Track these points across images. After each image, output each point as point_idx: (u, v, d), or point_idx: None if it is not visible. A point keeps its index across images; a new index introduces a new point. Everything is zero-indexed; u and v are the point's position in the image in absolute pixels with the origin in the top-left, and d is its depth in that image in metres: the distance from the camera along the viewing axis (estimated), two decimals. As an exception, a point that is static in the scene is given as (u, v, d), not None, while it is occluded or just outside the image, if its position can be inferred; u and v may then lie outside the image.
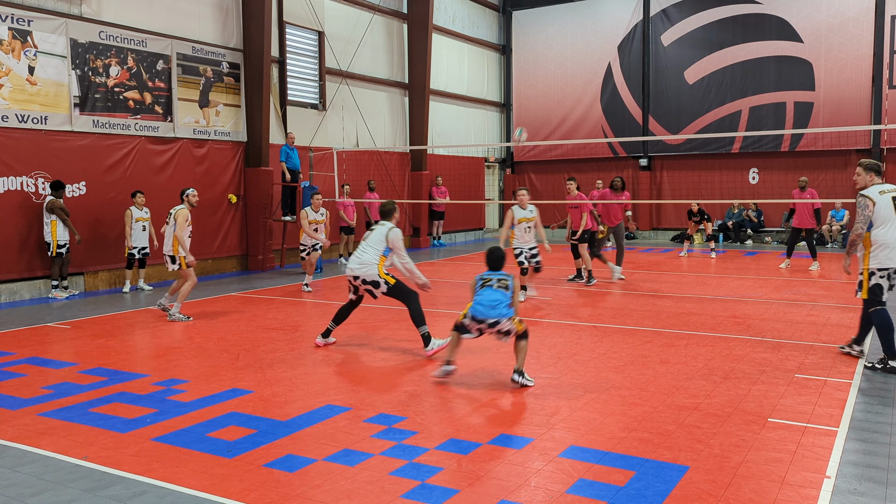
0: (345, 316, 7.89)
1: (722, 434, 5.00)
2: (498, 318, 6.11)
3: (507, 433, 5.07)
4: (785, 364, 6.88)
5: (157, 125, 13.58)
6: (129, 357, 7.61)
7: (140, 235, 12.38)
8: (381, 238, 7.53)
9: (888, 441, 4.87)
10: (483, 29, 24.14)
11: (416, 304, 7.47)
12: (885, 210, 6.26)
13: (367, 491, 4.14)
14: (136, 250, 12.37)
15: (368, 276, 7.42)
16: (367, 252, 7.51)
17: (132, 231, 12.23)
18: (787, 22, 20.39)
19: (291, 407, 5.75)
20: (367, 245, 7.57)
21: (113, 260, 12.83)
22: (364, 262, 7.47)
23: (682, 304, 10.41)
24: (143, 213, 12.39)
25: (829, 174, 20.01)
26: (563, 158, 23.96)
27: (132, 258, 12.40)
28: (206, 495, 4.12)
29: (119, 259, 12.80)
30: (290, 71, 16.66)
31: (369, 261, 7.45)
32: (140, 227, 12.36)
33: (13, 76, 11.36)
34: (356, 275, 7.50)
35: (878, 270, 6.14)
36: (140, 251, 12.43)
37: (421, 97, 20.17)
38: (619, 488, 4.14)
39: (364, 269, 7.45)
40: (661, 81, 22.32)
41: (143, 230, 12.42)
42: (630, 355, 7.34)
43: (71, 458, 4.73)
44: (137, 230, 12.33)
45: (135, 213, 12.26)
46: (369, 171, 18.70)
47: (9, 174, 11.36)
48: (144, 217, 12.41)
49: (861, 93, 19.63)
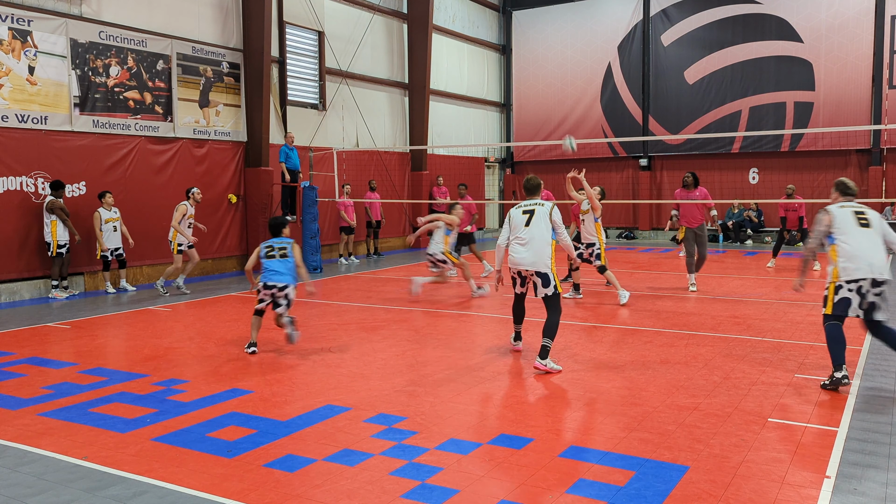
0: (522, 311, 7.40)
1: (722, 434, 5.00)
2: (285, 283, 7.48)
3: (507, 433, 5.07)
4: (785, 364, 6.88)
5: (157, 125, 13.58)
6: (129, 357, 7.61)
7: (112, 236, 12.18)
8: (546, 219, 6.89)
9: (888, 441, 4.87)
10: (483, 29, 24.15)
11: (558, 316, 6.83)
12: (843, 222, 6.17)
13: (367, 491, 4.14)
14: (110, 252, 12.19)
15: (542, 269, 6.78)
16: (541, 241, 6.81)
17: (103, 233, 12.04)
18: (787, 22, 20.39)
19: (291, 407, 5.75)
20: (531, 231, 6.83)
21: (100, 261, 12.79)
22: (540, 250, 6.78)
23: (682, 304, 10.41)
24: (113, 214, 12.22)
25: (829, 174, 20.01)
26: (563, 158, 23.92)
27: (106, 260, 12.23)
28: (206, 495, 4.12)
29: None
30: (290, 71, 16.66)
31: (545, 251, 6.80)
32: (111, 227, 12.17)
33: (13, 76, 11.36)
34: (529, 267, 6.82)
35: (846, 283, 5.97)
36: (113, 252, 12.25)
37: (421, 97, 20.17)
38: (619, 488, 4.14)
39: (540, 260, 6.77)
40: (661, 81, 22.32)
41: (114, 231, 12.22)
42: (630, 355, 7.33)
43: (71, 458, 4.73)
44: (108, 231, 12.13)
45: (104, 215, 12.07)
46: (369, 171, 18.70)
47: (9, 174, 11.36)
48: (114, 217, 12.24)
49: (861, 93, 19.64)
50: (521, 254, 6.86)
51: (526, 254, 6.82)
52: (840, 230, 6.16)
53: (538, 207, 6.94)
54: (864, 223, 6.12)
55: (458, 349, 7.78)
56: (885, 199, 17.72)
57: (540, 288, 6.82)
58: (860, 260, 5.95)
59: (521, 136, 24.54)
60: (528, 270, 6.84)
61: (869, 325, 6.06)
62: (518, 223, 6.95)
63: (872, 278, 5.88)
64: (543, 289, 6.80)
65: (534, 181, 7.17)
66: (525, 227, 6.88)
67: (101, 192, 12.23)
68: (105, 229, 12.12)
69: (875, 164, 19.68)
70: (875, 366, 6.80)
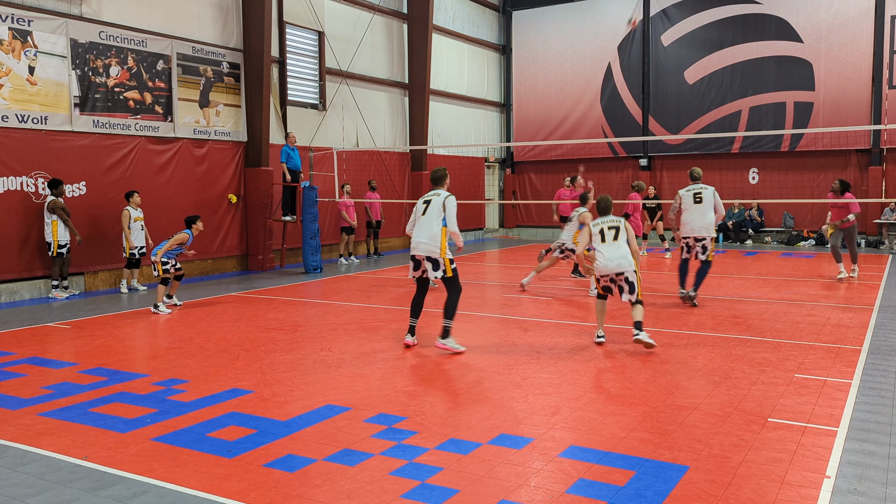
0: (420, 305, 7.79)
1: (722, 434, 5.00)
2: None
3: (507, 433, 5.07)
4: (785, 364, 6.88)
5: (157, 125, 13.58)
6: (129, 357, 7.61)
7: (139, 235, 12.39)
8: (439, 207, 7.44)
9: (888, 441, 4.87)
10: (483, 29, 24.14)
11: (457, 297, 7.50)
12: (686, 201, 10.25)
13: (367, 491, 4.14)
14: (137, 250, 12.38)
15: (433, 254, 7.36)
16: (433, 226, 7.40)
17: (131, 231, 12.23)
18: (787, 22, 20.39)
19: (291, 407, 5.75)
20: (427, 219, 7.46)
21: (113, 260, 12.83)
22: (432, 235, 7.37)
23: (682, 304, 10.40)
24: (140, 213, 12.39)
25: (829, 174, 20.00)
26: (564, 158, 23.95)
27: (133, 258, 12.41)
28: (206, 495, 4.12)
29: (119, 259, 12.79)
30: (290, 71, 16.66)
31: (435, 234, 7.37)
32: (138, 226, 12.37)
33: (13, 76, 11.36)
34: (422, 252, 7.42)
35: (682, 239, 10.22)
36: (139, 251, 12.44)
37: (421, 97, 20.18)
38: (619, 488, 4.15)
39: (430, 245, 7.37)
40: (661, 81, 22.31)
41: (141, 229, 12.43)
42: (630, 355, 7.33)
43: (71, 458, 4.73)
44: (136, 230, 12.33)
45: (132, 213, 12.25)
46: (369, 171, 18.70)
47: (9, 174, 11.36)
48: (141, 217, 12.41)
49: (861, 93, 19.63)
50: (414, 240, 7.53)
51: (419, 239, 7.47)
52: (684, 206, 10.28)
53: (435, 197, 7.54)
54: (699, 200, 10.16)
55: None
56: (885, 199, 17.71)
57: (430, 271, 7.42)
58: (691, 225, 10.19)
59: (520, 136, 24.54)
60: (421, 255, 7.45)
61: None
62: (418, 211, 7.65)
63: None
64: (434, 272, 7.40)
65: (438, 172, 7.77)
66: (422, 216, 7.55)
67: (129, 192, 12.39)
68: (133, 228, 12.26)
69: (875, 164, 19.67)
70: (875, 366, 6.80)
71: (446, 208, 7.42)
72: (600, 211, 8.06)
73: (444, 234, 7.40)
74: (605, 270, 7.71)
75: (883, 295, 11.02)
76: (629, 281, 7.63)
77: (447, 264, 7.38)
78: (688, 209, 10.18)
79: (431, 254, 7.38)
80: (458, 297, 7.50)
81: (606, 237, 7.81)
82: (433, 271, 7.40)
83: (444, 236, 7.40)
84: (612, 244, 7.72)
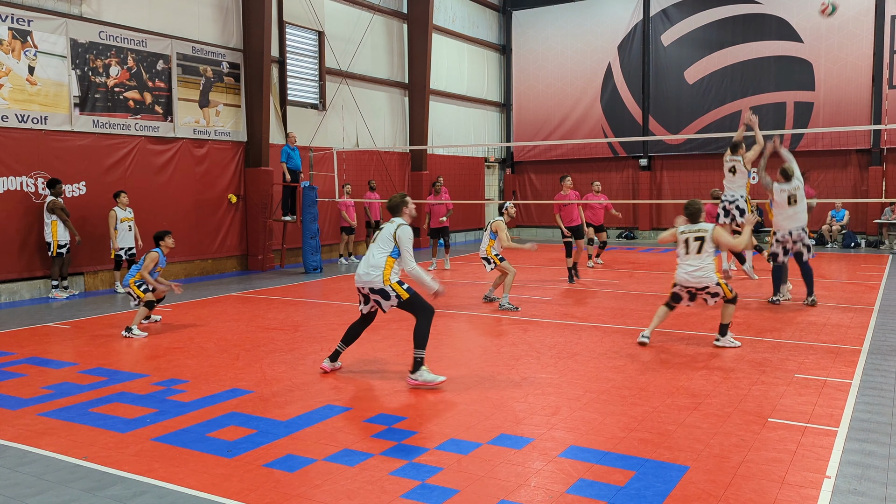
0: (356, 335, 6.87)
1: (722, 434, 5.00)
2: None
3: (507, 433, 5.07)
4: (785, 364, 6.88)
5: (157, 125, 13.58)
6: (129, 357, 7.61)
7: (126, 236, 12.23)
8: (389, 237, 6.44)
9: (888, 441, 4.87)
10: (483, 29, 24.14)
11: (427, 322, 6.38)
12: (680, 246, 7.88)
13: (367, 491, 4.14)
14: (123, 251, 12.23)
15: (375, 285, 6.37)
16: (375, 255, 6.44)
17: (118, 232, 12.09)
18: (787, 22, 20.39)
19: (291, 407, 5.75)
20: (374, 247, 6.52)
21: (113, 260, 12.81)
22: (373, 264, 6.40)
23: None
24: (128, 213, 12.26)
25: (829, 174, 20.01)
26: (563, 158, 23.96)
27: (119, 259, 12.28)
28: (206, 495, 4.12)
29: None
30: (290, 71, 16.66)
31: (377, 264, 6.38)
32: (126, 227, 12.22)
33: (13, 76, 11.36)
34: (364, 283, 6.46)
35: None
36: (127, 252, 12.28)
37: (421, 97, 20.17)
38: (619, 488, 4.14)
39: (372, 274, 6.38)
40: (661, 81, 22.31)
41: (128, 230, 12.28)
42: (630, 355, 7.33)
43: (71, 458, 4.73)
44: (123, 230, 12.18)
45: (119, 214, 12.12)
46: (369, 171, 18.69)
47: (9, 174, 11.36)
48: (129, 217, 12.28)
49: (861, 93, 19.63)
50: (358, 270, 6.56)
51: (358, 270, 6.52)
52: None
53: (387, 225, 6.54)
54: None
55: (458, 349, 7.79)
56: (885, 199, 17.70)
57: (383, 303, 6.42)
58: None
59: (520, 136, 24.54)
60: (364, 287, 6.48)
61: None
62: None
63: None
64: (386, 302, 6.39)
65: (394, 200, 6.69)
66: (372, 243, 6.59)
67: (116, 192, 12.29)
68: (120, 228, 12.16)
69: (875, 164, 19.67)
70: (875, 366, 6.80)
71: (398, 240, 6.37)
72: (689, 216, 7.69)
73: (388, 265, 6.37)
74: (687, 284, 7.58)
75: (883, 295, 11.03)
76: (712, 293, 7.53)
77: (397, 288, 6.33)
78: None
79: (373, 284, 6.36)
80: (430, 321, 6.36)
81: (690, 249, 7.51)
82: (385, 301, 6.38)
83: (388, 266, 6.37)
84: (696, 257, 7.50)
